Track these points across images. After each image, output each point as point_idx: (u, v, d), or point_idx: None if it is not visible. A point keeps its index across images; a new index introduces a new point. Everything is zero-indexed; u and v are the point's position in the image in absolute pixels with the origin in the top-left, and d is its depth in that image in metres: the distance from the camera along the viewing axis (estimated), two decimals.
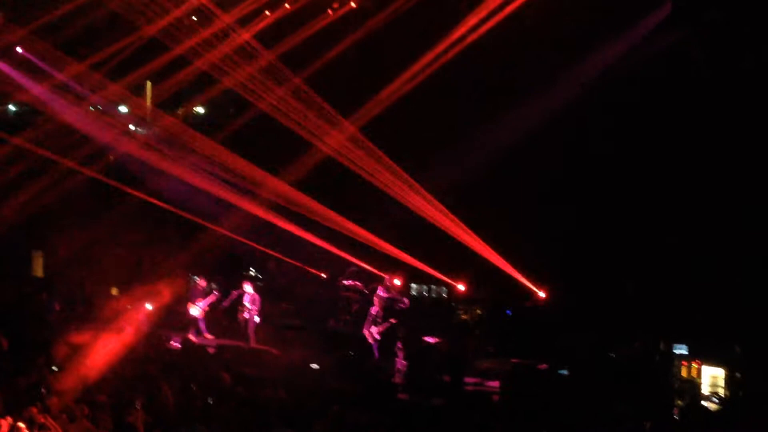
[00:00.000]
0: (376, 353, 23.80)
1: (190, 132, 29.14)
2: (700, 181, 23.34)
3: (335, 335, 26.24)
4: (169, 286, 26.32)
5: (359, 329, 24.55)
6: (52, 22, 26.18)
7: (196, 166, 28.57)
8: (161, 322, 26.67)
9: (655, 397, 20.42)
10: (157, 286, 26.22)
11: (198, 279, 27.05)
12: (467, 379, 22.28)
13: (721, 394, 20.20)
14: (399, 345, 23.30)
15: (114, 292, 27.78)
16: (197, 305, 26.50)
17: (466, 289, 26.72)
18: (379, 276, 26.52)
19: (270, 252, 28.84)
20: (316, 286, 29.12)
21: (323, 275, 29.00)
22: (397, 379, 22.49)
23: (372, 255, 27.23)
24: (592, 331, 23.23)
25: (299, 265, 28.98)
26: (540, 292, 25.86)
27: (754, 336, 20.78)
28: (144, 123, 31.34)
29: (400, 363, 23.01)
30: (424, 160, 26.88)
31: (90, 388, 16.92)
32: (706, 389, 20.46)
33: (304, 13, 26.86)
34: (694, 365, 20.73)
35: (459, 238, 26.03)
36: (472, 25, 25.81)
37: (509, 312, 26.59)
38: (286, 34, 27.10)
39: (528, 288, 25.89)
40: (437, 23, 26.13)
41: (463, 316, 26.80)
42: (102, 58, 27.13)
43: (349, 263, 27.81)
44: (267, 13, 26.94)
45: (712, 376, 20.50)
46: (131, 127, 31.38)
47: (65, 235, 28.00)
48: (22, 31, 26.61)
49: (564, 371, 21.50)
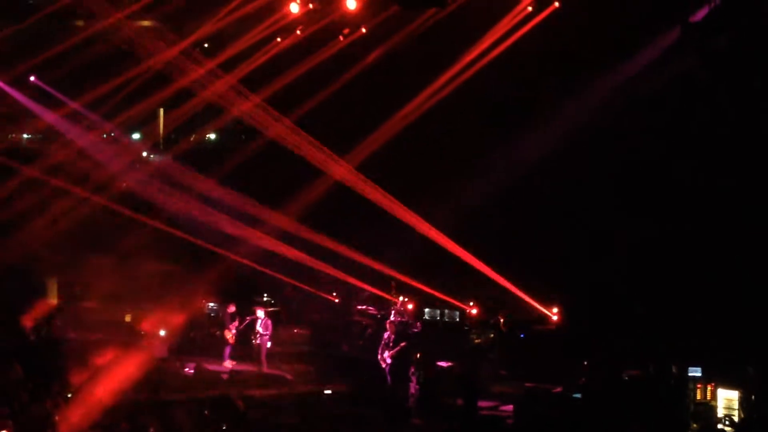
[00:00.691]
0: (389, 378, 23.76)
1: (202, 158, 29.29)
2: (712, 202, 23.34)
3: (348, 360, 26.23)
4: (183, 312, 26.40)
5: (372, 354, 24.54)
6: (65, 52, 26.38)
7: (209, 192, 28.67)
8: (175, 348, 26.75)
9: (670, 421, 20.33)
10: (171, 312, 26.28)
11: (229, 305, 27.05)
12: (481, 403, 22.21)
13: (735, 417, 20.07)
14: (412, 369, 23.27)
15: (128, 318, 27.81)
16: (231, 330, 26.47)
17: (479, 313, 26.71)
18: (391, 301, 26.58)
19: (282, 278, 28.87)
20: (329, 311, 29.12)
21: (336, 300, 29.01)
22: (410, 403, 22.45)
23: (385, 280, 27.28)
24: (605, 355, 23.16)
25: (312, 290, 29.02)
26: (553, 315, 25.83)
27: None
28: (157, 150, 31.49)
29: (414, 387, 22.97)
30: (436, 187, 26.93)
31: (105, 413, 16.94)
32: (720, 412, 20.34)
33: (315, 40, 26.97)
34: (709, 388, 20.62)
35: (472, 262, 26.06)
36: (481, 51, 25.97)
37: (522, 335, 26.56)
38: (298, 60, 27.23)
39: (541, 311, 25.87)
40: (446, 49, 26.27)
41: (477, 340, 26.78)
42: (115, 86, 27.32)
43: (362, 289, 27.87)
44: (278, 39, 27.07)
45: (726, 399, 20.35)
46: (144, 154, 31.55)
47: (79, 263, 28.08)
48: (36, 60, 26.83)
49: (578, 395, 21.41)
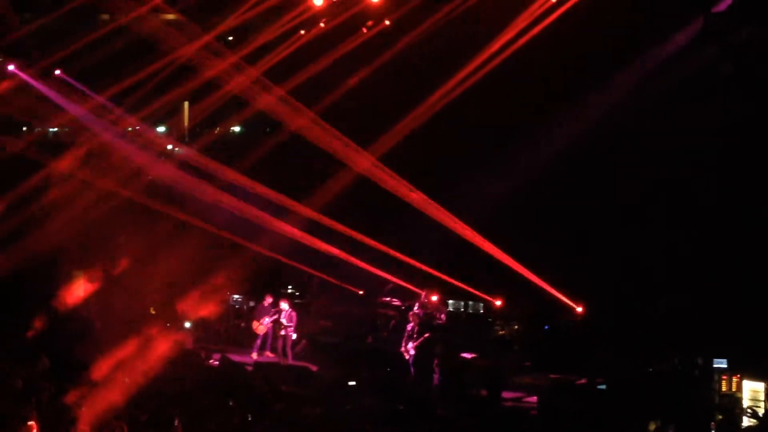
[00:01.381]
0: (412, 369, 23.78)
1: (227, 151, 29.37)
2: (738, 194, 23.24)
3: (373, 352, 26.25)
4: (208, 304, 26.50)
5: (397, 346, 24.57)
6: (90, 45, 26.51)
7: (234, 184, 28.75)
8: (200, 339, 26.87)
9: (695, 412, 20.26)
10: (196, 304, 26.39)
11: (266, 296, 27.20)
12: (505, 395, 22.23)
13: (760, 408, 19.99)
14: (436, 361, 23.30)
15: (152, 311, 27.93)
16: (263, 323, 26.64)
17: (504, 305, 26.69)
18: (416, 293, 26.58)
19: (308, 270, 28.93)
20: (354, 303, 29.16)
21: (361, 292, 29.04)
22: (434, 395, 22.47)
23: (409, 272, 27.27)
24: (630, 346, 23.11)
25: (337, 282, 29.06)
26: (578, 307, 25.77)
27: None
28: (182, 143, 31.59)
29: (437, 379, 23.00)
30: (462, 179, 26.90)
31: (129, 404, 17.03)
32: (746, 403, 20.27)
33: (338, 32, 26.98)
34: (734, 379, 20.55)
35: (496, 254, 26.02)
36: (508, 39, 25.89)
37: (547, 327, 26.52)
38: (322, 52, 27.25)
39: (566, 303, 25.81)
40: (469, 42, 26.23)
41: (501, 332, 26.78)
42: (139, 80, 27.42)
43: (387, 281, 27.88)
44: (302, 32, 27.10)
45: (752, 390, 20.30)
46: (169, 147, 31.66)
47: (106, 255, 28.22)
48: (61, 54, 26.97)
49: (602, 386, 21.38)
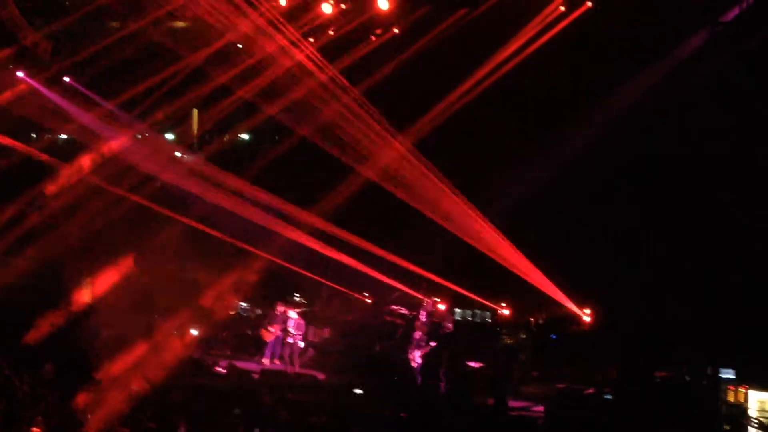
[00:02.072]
0: (419, 378, 23.77)
1: (236, 158, 29.42)
2: (746, 204, 23.21)
3: (380, 360, 26.24)
4: (215, 311, 26.52)
5: (404, 354, 24.56)
6: (98, 52, 26.60)
7: (242, 192, 28.79)
8: (207, 347, 26.89)
9: (702, 423, 20.22)
10: (202, 311, 26.41)
11: (277, 304, 27.28)
12: (511, 404, 22.19)
13: (764, 420, 19.96)
14: (443, 370, 23.29)
15: (159, 318, 27.97)
16: (270, 330, 26.72)
17: (511, 314, 26.67)
18: (423, 301, 26.57)
19: (314, 277, 28.95)
20: (361, 311, 29.15)
21: (368, 300, 29.04)
22: (441, 403, 22.44)
23: (417, 280, 27.27)
24: (638, 356, 23.08)
25: (345, 290, 29.07)
26: (585, 316, 25.74)
27: None
28: (191, 150, 31.65)
29: (444, 388, 22.98)
30: (470, 187, 26.91)
31: (135, 411, 17.05)
32: (753, 414, 20.22)
33: (347, 40, 27.00)
34: (741, 390, 20.51)
35: (503, 263, 25.99)
36: (517, 47, 25.94)
37: (554, 336, 26.49)
38: (330, 60, 27.26)
39: (573, 312, 25.78)
40: (477, 49, 26.26)
41: (508, 341, 26.75)
42: (149, 87, 27.50)
43: (394, 289, 27.88)
44: (311, 40, 27.12)
45: (759, 401, 20.29)
46: (178, 153, 31.72)
47: (113, 261, 28.27)
48: (71, 60, 27.06)
49: (610, 396, 21.34)
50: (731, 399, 20.61)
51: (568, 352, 25.27)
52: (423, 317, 24.78)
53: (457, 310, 27.54)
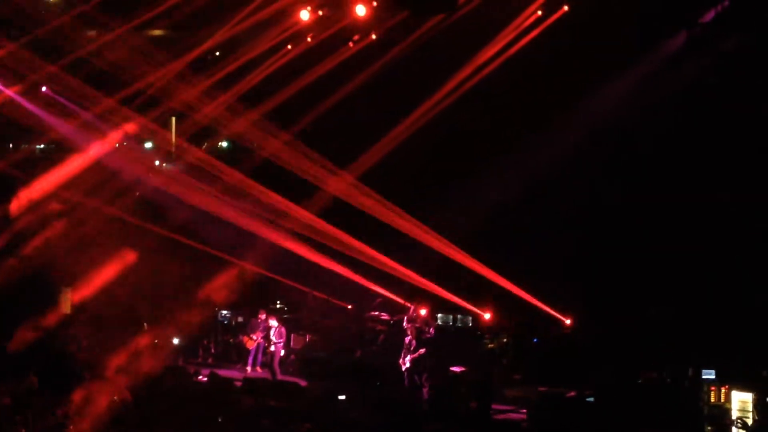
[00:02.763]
0: (406, 382, 23.77)
1: (215, 166, 29.35)
2: (726, 206, 23.32)
3: (362, 366, 26.22)
4: (196, 320, 26.47)
5: (386, 360, 24.55)
6: (76, 61, 26.51)
7: (222, 200, 28.73)
8: (189, 356, 26.82)
9: (684, 424, 20.28)
10: (184, 320, 26.36)
11: (259, 312, 27.24)
12: (494, 407, 22.22)
13: (749, 419, 20.01)
14: (425, 375, 23.29)
15: (145, 326, 27.89)
16: (253, 338, 26.71)
17: (492, 318, 26.69)
18: (405, 306, 26.57)
19: (295, 284, 28.94)
20: (343, 317, 29.14)
21: (349, 307, 29.02)
22: (424, 409, 22.44)
23: (398, 286, 27.27)
24: (619, 358, 23.13)
25: (326, 297, 29.06)
26: (566, 319, 25.80)
27: None
28: (169, 158, 31.57)
29: (427, 393, 22.97)
30: (450, 192, 26.95)
31: (117, 420, 17.00)
32: (735, 414, 20.28)
33: (325, 47, 27.02)
34: (723, 390, 20.57)
35: (484, 268, 26.04)
36: (493, 53, 26.02)
37: (536, 340, 26.54)
38: (309, 66, 27.29)
39: (554, 316, 25.83)
40: (454, 55, 26.34)
41: (490, 345, 26.77)
42: (126, 96, 27.42)
43: (376, 294, 27.88)
44: (289, 47, 27.14)
45: (741, 401, 20.31)
46: (156, 162, 31.64)
47: (93, 271, 28.16)
48: (48, 70, 26.94)
49: (592, 399, 21.37)
50: (713, 399, 20.64)
51: (550, 356, 25.31)
52: (405, 323, 24.74)
53: (439, 315, 27.50)
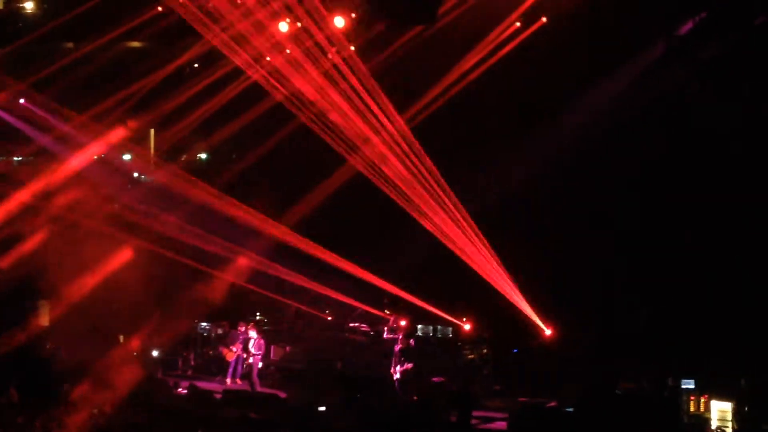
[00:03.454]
0: (399, 392, 23.82)
1: (193, 178, 29.30)
2: (706, 215, 23.45)
3: (342, 377, 26.18)
4: (175, 332, 26.39)
5: (367, 371, 24.55)
6: (54, 73, 26.43)
7: (200, 212, 28.67)
8: (168, 368, 26.72)
9: None
10: (163, 332, 26.27)
11: (239, 324, 27.18)
12: (474, 418, 22.20)
13: (729, 428, 20.10)
14: (407, 386, 23.33)
15: (121, 339, 27.78)
16: (232, 349, 26.64)
17: (472, 329, 26.72)
18: (385, 318, 26.58)
19: (275, 296, 28.89)
20: (323, 329, 29.09)
21: (329, 318, 28.99)
22: (404, 419, 22.40)
23: (378, 297, 27.28)
24: (599, 368, 23.19)
25: (306, 308, 29.03)
26: (546, 330, 25.84)
27: (761, 369, 20.78)
28: (148, 170, 31.48)
29: (409, 403, 22.96)
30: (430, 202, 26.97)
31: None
32: (714, 423, 20.37)
33: (304, 57, 26.99)
34: (702, 400, 20.66)
35: (464, 278, 26.06)
36: (471, 65, 26.10)
37: (516, 350, 26.58)
38: (288, 76, 27.25)
39: (534, 326, 25.87)
40: (435, 65, 26.40)
41: (470, 356, 26.79)
42: (105, 107, 27.35)
43: (355, 306, 27.88)
44: (268, 58, 27.11)
45: (720, 410, 20.42)
46: (135, 174, 31.55)
47: (70, 284, 28.03)
48: (25, 82, 26.85)
49: (571, 409, 21.40)
50: (693, 409, 20.75)
51: (530, 366, 25.34)
52: (385, 334, 24.77)
53: (419, 326, 27.51)
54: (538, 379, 23.94)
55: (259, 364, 26.39)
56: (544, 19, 25.10)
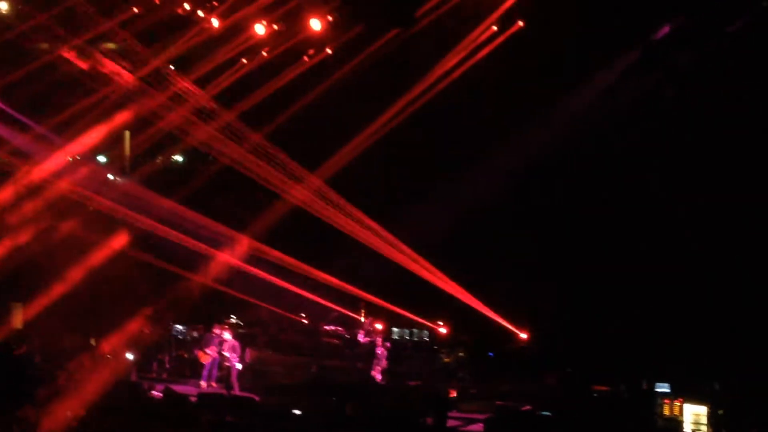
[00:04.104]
0: (375, 394, 23.80)
1: (169, 180, 29.22)
2: (680, 221, 23.55)
3: (318, 380, 26.15)
4: (149, 335, 26.27)
5: (343, 373, 24.54)
6: (29, 75, 26.26)
7: (175, 214, 28.59)
8: (142, 371, 26.59)
9: None
10: (137, 335, 26.15)
11: (213, 326, 27.11)
12: (450, 422, 22.19)
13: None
14: (383, 389, 23.32)
15: (93, 342, 27.64)
16: (207, 352, 26.54)
17: (448, 333, 26.75)
18: (360, 321, 26.57)
19: (251, 299, 28.83)
20: (298, 332, 29.06)
21: (305, 321, 28.96)
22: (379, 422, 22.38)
23: (353, 301, 27.27)
24: (574, 372, 23.26)
25: (281, 311, 28.99)
26: (522, 333, 25.90)
27: (734, 373, 20.89)
28: (123, 172, 31.34)
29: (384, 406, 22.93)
30: (405, 206, 27.00)
31: None
32: (688, 427, 20.45)
33: (280, 61, 26.98)
34: (677, 403, 20.73)
35: (440, 282, 26.09)
36: (448, 68, 26.09)
37: (491, 354, 26.62)
38: (264, 81, 27.23)
39: (510, 330, 25.93)
40: (412, 68, 26.38)
41: (446, 359, 26.82)
42: (80, 109, 27.20)
43: (331, 309, 27.86)
44: (244, 61, 27.09)
45: (694, 414, 20.47)
46: (110, 176, 31.39)
47: (43, 286, 27.88)
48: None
49: (547, 412, 21.45)
50: (667, 412, 20.81)
51: (505, 369, 25.39)
52: (361, 337, 24.77)
53: (395, 330, 27.54)
54: (513, 383, 23.98)
55: (239, 366, 26.31)
56: (521, 23, 25.08)
